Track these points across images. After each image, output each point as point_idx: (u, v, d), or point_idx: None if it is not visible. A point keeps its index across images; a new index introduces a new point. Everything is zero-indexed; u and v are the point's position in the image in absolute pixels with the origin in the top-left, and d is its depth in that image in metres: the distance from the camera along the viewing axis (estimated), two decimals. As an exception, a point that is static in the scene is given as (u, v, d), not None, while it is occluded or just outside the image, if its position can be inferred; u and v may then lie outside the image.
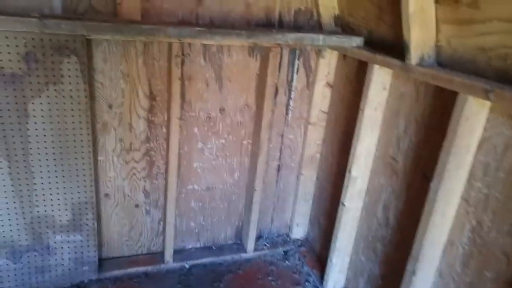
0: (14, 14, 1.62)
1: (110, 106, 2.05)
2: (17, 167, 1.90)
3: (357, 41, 2.02)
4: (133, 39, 1.94)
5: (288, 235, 2.80)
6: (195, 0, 2.02)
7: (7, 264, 2.05)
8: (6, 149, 1.85)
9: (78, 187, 2.04)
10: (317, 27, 2.27)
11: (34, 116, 1.84)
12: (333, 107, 2.43)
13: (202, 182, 2.42)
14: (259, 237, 2.65)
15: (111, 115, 2.07)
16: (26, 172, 1.93)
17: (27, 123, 1.84)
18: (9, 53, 1.70)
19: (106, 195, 2.23)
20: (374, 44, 1.97)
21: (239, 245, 2.65)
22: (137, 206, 2.33)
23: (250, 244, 2.58)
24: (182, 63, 2.06)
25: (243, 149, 2.43)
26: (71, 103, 1.87)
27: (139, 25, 1.77)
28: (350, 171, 2.05)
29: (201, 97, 2.21)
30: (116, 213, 2.30)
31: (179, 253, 2.49)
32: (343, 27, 2.22)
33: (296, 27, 2.23)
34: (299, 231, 2.78)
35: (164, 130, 2.20)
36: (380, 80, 1.88)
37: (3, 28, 1.61)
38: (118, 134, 2.13)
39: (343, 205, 2.12)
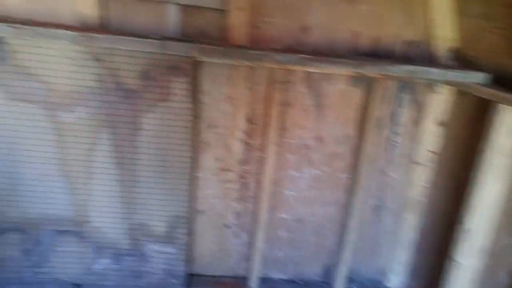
0: (135, 35, 1.80)
1: (211, 126, 2.13)
2: (126, 175, 2.08)
3: (481, 77, 1.83)
4: (240, 63, 2.00)
5: (382, 283, 2.56)
6: (301, 28, 2.02)
7: (110, 264, 2.23)
8: (119, 158, 2.04)
9: (175, 200, 2.14)
10: (429, 59, 2.10)
11: (144, 130, 2.00)
12: (444, 148, 2.19)
13: (293, 212, 2.35)
14: (349, 279, 2.46)
15: (211, 135, 2.15)
16: (132, 181, 2.09)
17: (138, 135, 2.01)
18: (129, 70, 1.90)
19: (200, 211, 2.30)
20: (501, 81, 1.77)
21: (327, 284, 2.50)
22: (227, 226, 2.35)
23: (339, 286, 2.42)
24: (283, 89, 2.06)
25: (339, 182, 2.30)
26: (177, 121, 2.00)
27: (247, 50, 1.84)
28: (463, 223, 1.84)
29: (298, 124, 2.17)
30: (207, 231, 2.35)
31: (263, 281, 2.43)
32: (460, 60, 2.03)
33: (406, 59, 2.09)
34: (395, 280, 2.53)
35: (260, 154, 2.20)
36: (510, 123, 1.67)
37: (127, 48, 1.80)
38: (216, 153, 2.19)
39: (454, 261, 1.90)
